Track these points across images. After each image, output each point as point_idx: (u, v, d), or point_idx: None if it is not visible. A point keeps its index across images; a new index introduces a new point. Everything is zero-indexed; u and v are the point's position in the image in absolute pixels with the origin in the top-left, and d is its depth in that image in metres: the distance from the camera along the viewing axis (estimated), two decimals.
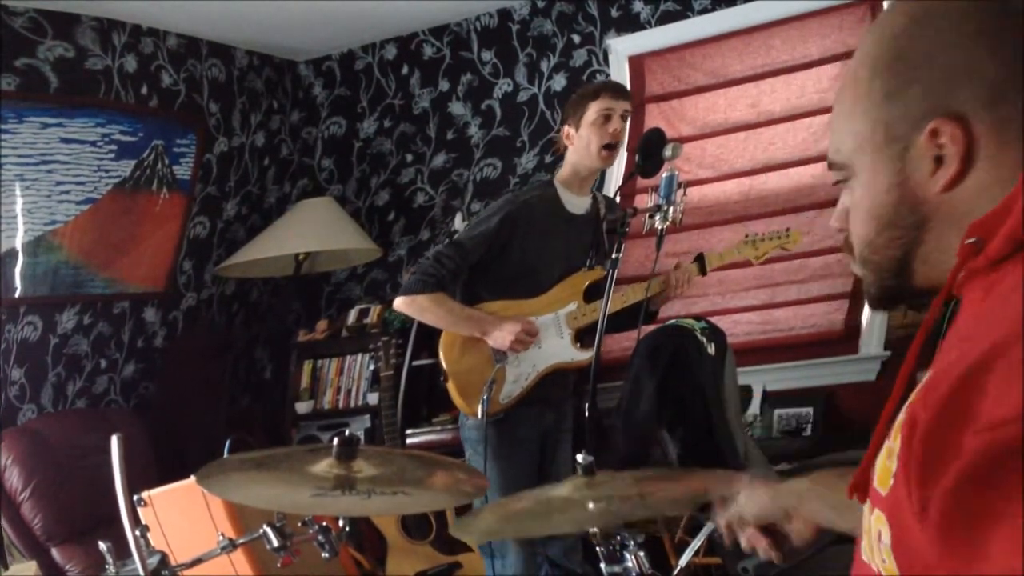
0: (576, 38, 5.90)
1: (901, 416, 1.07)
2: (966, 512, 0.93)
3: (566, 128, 4.21)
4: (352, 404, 6.13)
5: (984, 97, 1.13)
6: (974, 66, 1.13)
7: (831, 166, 1.29)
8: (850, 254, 1.31)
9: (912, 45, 1.17)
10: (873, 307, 1.33)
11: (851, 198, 1.27)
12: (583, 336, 4.24)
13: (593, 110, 4.13)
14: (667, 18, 5.64)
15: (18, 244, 5.29)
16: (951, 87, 1.14)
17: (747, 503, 1.72)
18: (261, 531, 2.49)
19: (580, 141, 4.16)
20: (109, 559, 2.46)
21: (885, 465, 1.09)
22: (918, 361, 1.19)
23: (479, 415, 4.00)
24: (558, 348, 4.21)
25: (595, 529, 2.20)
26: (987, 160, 1.13)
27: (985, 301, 1.10)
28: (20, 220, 5.27)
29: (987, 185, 1.14)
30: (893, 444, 1.07)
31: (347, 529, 2.56)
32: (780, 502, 1.68)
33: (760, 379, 5.38)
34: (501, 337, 4.09)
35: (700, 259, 4.28)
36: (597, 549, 2.21)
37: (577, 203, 4.27)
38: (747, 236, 4.34)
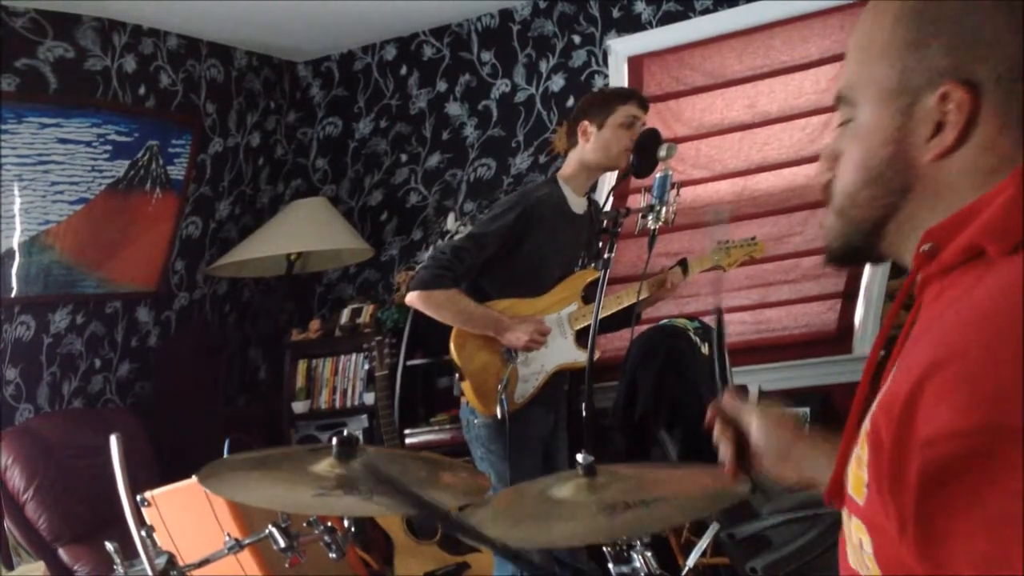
0: (576, 39, 5.91)
1: (867, 425, 1.08)
2: (928, 529, 0.95)
3: (584, 123, 4.16)
4: (348, 404, 6.13)
5: (999, 73, 1.11)
6: (998, 39, 1.12)
7: (838, 100, 1.26)
8: (828, 201, 1.29)
9: (944, 1, 1.15)
10: (829, 261, 1.30)
11: (846, 143, 1.24)
12: (581, 337, 4.23)
13: (622, 113, 4.12)
14: (668, 18, 5.66)
15: (15, 244, 5.28)
16: (972, 53, 1.12)
17: (754, 427, 1.64)
18: (267, 531, 2.49)
19: (599, 140, 4.14)
20: (117, 559, 2.46)
21: (856, 474, 1.10)
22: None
23: (498, 415, 4.00)
24: (563, 349, 4.21)
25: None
26: (982, 140, 1.12)
27: (933, 308, 1.11)
28: (17, 220, 5.27)
29: (974, 168, 1.13)
30: (861, 452, 1.08)
31: (352, 529, 2.57)
32: (793, 451, 1.61)
33: (755, 379, 5.40)
34: (516, 337, 4.07)
35: (683, 263, 4.30)
36: (604, 549, 2.22)
37: (578, 202, 4.27)
38: (719, 243, 4.40)
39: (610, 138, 4.14)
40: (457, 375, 4.21)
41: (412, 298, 4.15)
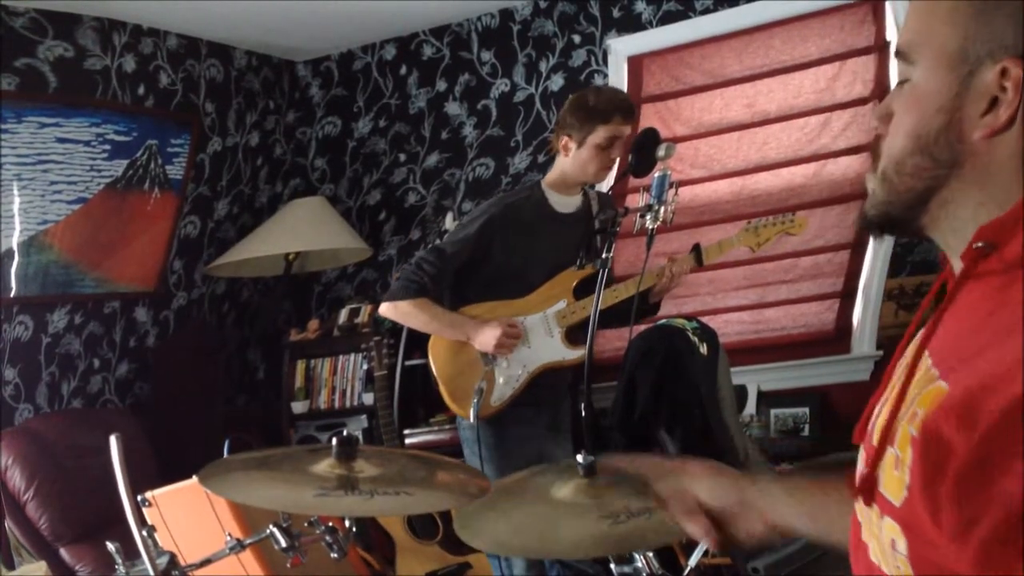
0: (576, 38, 5.91)
1: (910, 428, 1.06)
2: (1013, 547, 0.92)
3: (565, 138, 4.10)
4: (348, 404, 6.14)
5: None
6: None
7: (899, 54, 1.22)
8: (874, 162, 1.25)
9: None
10: (864, 228, 1.26)
11: (900, 103, 1.21)
12: (573, 334, 4.19)
13: (601, 134, 4.02)
14: (669, 18, 5.66)
15: (15, 244, 5.28)
16: None
17: (702, 487, 1.60)
18: (268, 531, 2.49)
19: (578, 158, 4.08)
20: (118, 559, 2.46)
21: (892, 474, 1.08)
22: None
23: (471, 418, 4.00)
24: (548, 347, 4.18)
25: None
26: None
27: (991, 305, 1.07)
28: (17, 220, 5.27)
29: (1020, 151, 1.11)
30: (901, 454, 1.07)
31: (353, 530, 2.56)
32: (747, 496, 1.57)
33: (754, 379, 5.41)
34: (484, 341, 4.07)
35: (696, 250, 4.19)
36: None
37: (566, 202, 4.24)
38: (748, 223, 4.22)
39: (588, 159, 4.08)
40: (433, 380, 4.23)
41: (383, 309, 4.22)
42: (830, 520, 1.45)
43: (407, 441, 5.70)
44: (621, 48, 5.80)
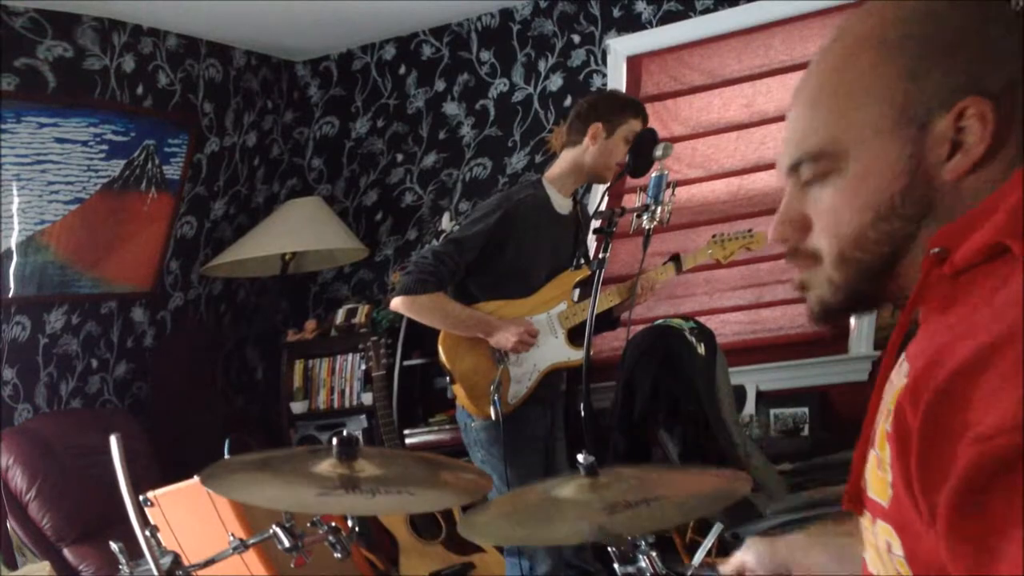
0: (576, 38, 5.91)
1: (886, 426, 1.06)
2: (970, 521, 0.92)
3: (598, 124, 4.08)
4: (347, 404, 6.13)
5: (1007, 81, 1.09)
6: (1007, 47, 1.09)
7: (815, 158, 1.17)
8: (803, 263, 1.22)
9: (946, 22, 1.12)
10: (825, 319, 1.22)
11: (832, 197, 1.17)
12: (575, 335, 4.21)
13: (631, 127, 4.07)
14: (669, 18, 5.66)
15: (13, 244, 5.28)
16: (984, 66, 1.09)
17: (750, 556, 1.73)
18: (271, 531, 2.49)
19: (605, 147, 4.09)
20: (122, 559, 2.46)
21: (877, 476, 1.08)
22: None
23: (492, 416, 3.96)
24: (555, 348, 4.19)
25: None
26: (999, 150, 1.09)
27: (951, 307, 1.08)
28: (15, 220, 5.26)
29: (989, 177, 1.10)
30: (881, 454, 1.07)
31: (356, 529, 2.57)
32: (782, 556, 1.69)
33: (752, 379, 5.41)
34: (504, 339, 4.05)
35: (676, 259, 4.27)
36: (609, 549, 2.22)
37: (563, 203, 4.25)
38: (714, 236, 4.35)
39: (613, 149, 4.09)
40: (448, 378, 4.22)
41: (397, 304, 4.14)
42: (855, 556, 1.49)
43: (407, 441, 5.69)
44: (620, 48, 5.80)
